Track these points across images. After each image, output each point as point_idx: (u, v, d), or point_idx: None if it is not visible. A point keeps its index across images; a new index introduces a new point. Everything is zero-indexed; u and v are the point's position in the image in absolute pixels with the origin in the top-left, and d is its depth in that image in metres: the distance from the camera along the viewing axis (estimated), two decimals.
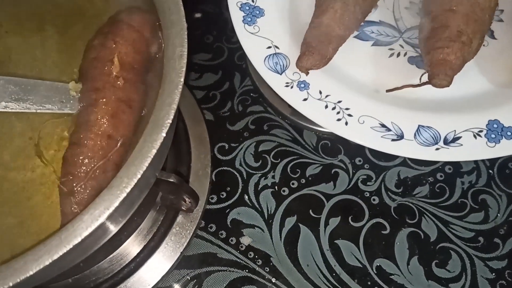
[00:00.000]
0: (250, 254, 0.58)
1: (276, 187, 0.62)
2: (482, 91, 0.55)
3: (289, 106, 0.52)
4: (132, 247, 0.55)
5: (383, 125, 0.51)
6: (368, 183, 0.62)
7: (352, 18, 0.54)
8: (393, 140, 0.51)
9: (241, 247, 0.59)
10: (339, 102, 0.53)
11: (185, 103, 0.66)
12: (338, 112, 0.52)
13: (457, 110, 0.53)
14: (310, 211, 0.60)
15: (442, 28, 0.51)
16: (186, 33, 0.42)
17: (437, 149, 0.50)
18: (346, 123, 0.51)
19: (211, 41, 0.72)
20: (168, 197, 0.55)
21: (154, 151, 0.36)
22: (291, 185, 0.62)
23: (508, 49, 0.56)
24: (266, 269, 0.57)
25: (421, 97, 0.54)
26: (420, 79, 0.53)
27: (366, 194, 0.61)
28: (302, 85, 0.53)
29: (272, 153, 0.64)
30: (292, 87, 0.53)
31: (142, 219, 0.56)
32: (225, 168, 0.64)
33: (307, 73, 0.54)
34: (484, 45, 0.57)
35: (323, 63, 0.54)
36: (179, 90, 0.39)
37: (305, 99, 0.52)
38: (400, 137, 0.51)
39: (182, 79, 0.40)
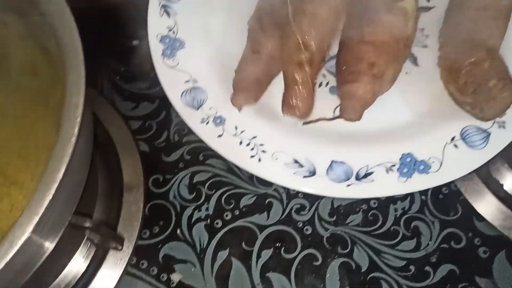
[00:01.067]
0: None
1: (209, 219, 0.62)
2: (401, 121, 0.55)
3: None
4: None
5: (296, 161, 0.51)
6: (301, 213, 0.62)
7: None
8: (304, 176, 0.50)
9: (172, 284, 0.59)
10: (254, 137, 0.52)
11: (119, 135, 0.66)
12: (252, 148, 0.52)
13: (372, 143, 0.53)
14: (243, 243, 0.60)
15: (354, 60, 0.51)
16: (84, 80, 0.41)
17: (348, 185, 0.50)
18: (260, 160, 0.51)
19: (148, 69, 0.71)
20: (94, 236, 0.55)
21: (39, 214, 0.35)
22: (225, 217, 0.62)
23: (432, 76, 0.55)
24: None
25: (338, 130, 0.53)
26: (334, 112, 0.52)
27: (299, 224, 0.61)
28: (218, 121, 0.53)
29: (207, 184, 0.64)
30: (207, 123, 0.53)
31: (68, 259, 0.56)
32: (158, 201, 0.63)
33: (240, 109, 0.53)
34: (406, 73, 0.57)
35: (257, 99, 0.54)
36: (72, 143, 0.39)
37: (220, 135, 0.52)
38: (312, 173, 0.50)
39: (76, 130, 0.39)
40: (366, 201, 0.62)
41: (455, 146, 0.51)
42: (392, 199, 0.62)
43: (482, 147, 0.50)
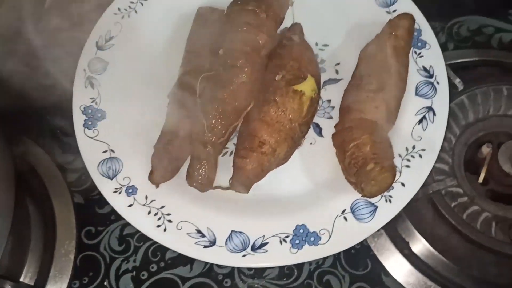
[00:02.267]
0: None
1: (136, 271, 0.66)
2: (299, 192, 0.58)
3: None
4: None
5: (199, 231, 0.55)
6: (222, 266, 0.66)
7: None
8: (205, 246, 0.55)
9: None
10: (163, 207, 0.56)
11: (55, 187, 0.70)
12: (159, 218, 0.56)
13: (270, 214, 0.57)
14: None
15: (248, 137, 0.55)
16: None
17: (243, 255, 0.54)
18: (165, 230, 0.55)
19: None
20: None
21: None
22: (151, 269, 0.66)
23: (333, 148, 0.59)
24: None
25: (238, 200, 0.57)
26: (229, 182, 0.56)
27: (220, 277, 0.65)
28: (130, 190, 0.57)
29: (136, 236, 0.68)
30: (120, 193, 0.57)
31: None
32: (90, 252, 0.67)
33: (157, 187, 0.57)
34: (311, 143, 0.61)
35: (174, 176, 0.58)
36: None
37: (130, 205, 0.56)
38: (212, 243, 0.55)
39: None
40: None
41: (345, 218, 0.56)
42: None
43: (369, 221, 0.55)
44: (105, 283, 0.65)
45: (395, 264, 0.63)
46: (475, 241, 0.61)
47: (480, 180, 0.65)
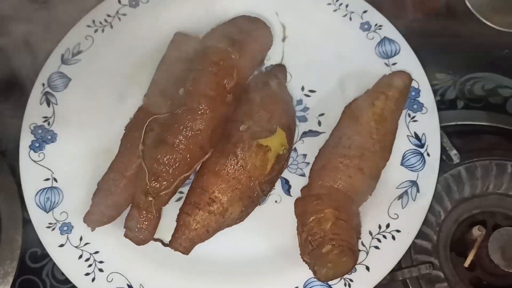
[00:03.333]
0: None
1: None
2: (252, 256, 0.52)
3: None
4: None
5: (130, 287, 0.50)
6: None
7: None
8: None
9: None
10: (96, 252, 0.51)
11: (7, 202, 0.65)
12: (90, 265, 0.51)
13: (215, 278, 0.52)
14: None
15: (198, 190, 0.50)
16: None
17: None
18: (93, 279, 0.50)
19: None
20: None
21: None
22: None
23: None
24: None
25: (183, 258, 0.51)
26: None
27: None
28: (65, 228, 0.52)
29: None
30: (53, 229, 0.52)
31: None
32: (30, 276, 0.63)
33: (93, 230, 0.52)
34: (276, 201, 0.55)
35: (112, 220, 0.52)
36: None
37: (61, 245, 0.51)
38: None
39: None
40: None
41: None
42: None
43: None
44: None
45: None
46: None
47: (466, 264, 0.57)
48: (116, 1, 0.62)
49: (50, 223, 0.52)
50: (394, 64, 0.58)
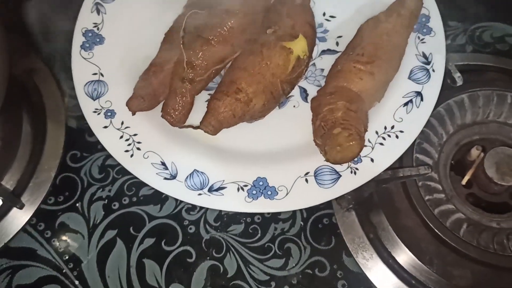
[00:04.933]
0: (65, 257, 0.65)
1: (108, 200, 0.68)
2: (269, 146, 0.59)
3: None
4: None
5: (163, 163, 0.57)
6: (191, 212, 0.67)
7: None
8: (165, 178, 0.56)
9: (60, 249, 0.65)
10: (135, 135, 0.58)
11: (53, 107, 0.73)
12: (129, 144, 0.58)
13: (236, 161, 0.58)
14: (131, 228, 0.66)
15: (228, 82, 0.56)
16: None
17: (199, 194, 0.55)
18: (132, 156, 0.57)
19: None
20: None
21: None
22: (123, 201, 0.68)
23: None
24: (74, 273, 0.64)
25: (210, 142, 0.59)
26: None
27: (186, 222, 0.67)
28: (109, 114, 0.59)
29: (116, 169, 0.70)
30: (99, 114, 0.59)
31: None
32: (70, 174, 0.70)
33: (134, 114, 0.59)
34: (294, 106, 0.62)
35: (152, 108, 0.59)
36: None
37: (105, 127, 0.58)
38: (173, 177, 0.56)
39: None
40: (251, 215, 0.67)
41: (306, 180, 0.56)
42: (275, 218, 0.67)
43: (329, 187, 0.54)
44: (77, 205, 0.67)
45: (358, 247, 0.63)
46: (441, 238, 0.59)
47: (464, 182, 0.63)
48: None
49: (97, 109, 0.59)
50: None
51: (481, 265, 0.57)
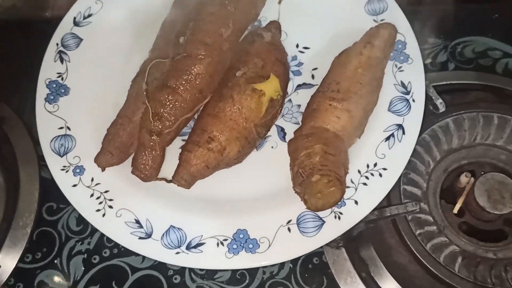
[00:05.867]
0: None
1: (88, 254, 0.65)
2: (248, 195, 0.56)
3: None
4: None
5: (137, 221, 0.54)
6: None
7: None
8: (140, 238, 0.53)
9: None
10: (106, 192, 0.56)
11: (26, 158, 0.70)
12: (101, 203, 0.55)
13: (214, 213, 0.55)
14: (114, 282, 0.63)
15: (198, 131, 0.53)
16: None
17: (177, 253, 0.52)
18: (104, 215, 0.54)
19: None
20: None
21: None
22: (103, 254, 0.65)
23: None
24: None
25: (185, 195, 0.56)
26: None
27: (170, 272, 0.63)
28: (78, 170, 0.57)
29: None
30: (67, 171, 0.56)
31: None
32: (47, 228, 0.67)
33: (103, 170, 0.56)
34: (272, 147, 0.59)
35: (121, 162, 0.57)
36: None
37: (74, 185, 0.56)
38: (148, 235, 0.53)
39: None
40: None
41: (289, 229, 0.53)
42: None
43: (313, 235, 0.52)
44: (56, 261, 0.65)
45: (351, 286, 0.60)
46: (435, 274, 0.57)
47: (455, 210, 0.60)
48: None
49: (64, 166, 0.57)
50: (382, 20, 0.62)
51: None
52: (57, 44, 0.62)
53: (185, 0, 0.61)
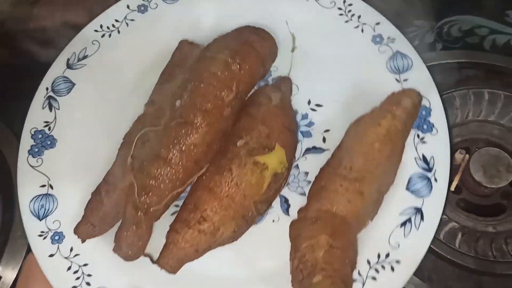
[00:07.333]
0: None
1: None
2: (241, 279, 0.50)
3: None
4: None
5: None
6: None
7: None
8: None
9: None
10: (85, 265, 0.50)
11: None
12: (78, 278, 0.49)
13: None
14: None
15: (190, 207, 0.48)
16: None
17: None
18: None
19: None
20: None
21: None
22: None
23: None
24: None
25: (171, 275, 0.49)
26: None
27: None
28: (57, 237, 0.51)
29: None
30: (45, 238, 0.51)
31: None
32: None
33: (83, 241, 0.51)
34: (273, 220, 0.53)
35: (104, 233, 0.51)
36: None
37: (51, 255, 0.50)
38: None
39: None
40: None
41: None
42: None
43: None
44: None
45: None
46: (436, 251, 0.56)
47: (452, 188, 0.58)
48: (125, 6, 0.61)
49: (42, 232, 0.51)
50: (405, 80, 0.55)
51: (482, 275, 0.54)
52: (47, 89, 0.57)
53: (187, 52, 0.55)
